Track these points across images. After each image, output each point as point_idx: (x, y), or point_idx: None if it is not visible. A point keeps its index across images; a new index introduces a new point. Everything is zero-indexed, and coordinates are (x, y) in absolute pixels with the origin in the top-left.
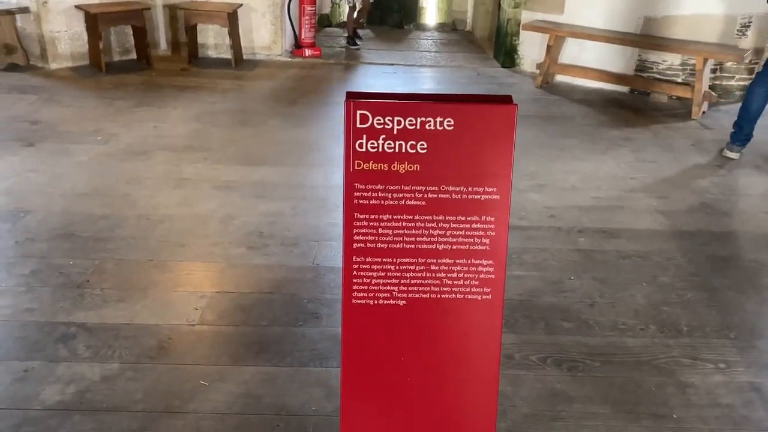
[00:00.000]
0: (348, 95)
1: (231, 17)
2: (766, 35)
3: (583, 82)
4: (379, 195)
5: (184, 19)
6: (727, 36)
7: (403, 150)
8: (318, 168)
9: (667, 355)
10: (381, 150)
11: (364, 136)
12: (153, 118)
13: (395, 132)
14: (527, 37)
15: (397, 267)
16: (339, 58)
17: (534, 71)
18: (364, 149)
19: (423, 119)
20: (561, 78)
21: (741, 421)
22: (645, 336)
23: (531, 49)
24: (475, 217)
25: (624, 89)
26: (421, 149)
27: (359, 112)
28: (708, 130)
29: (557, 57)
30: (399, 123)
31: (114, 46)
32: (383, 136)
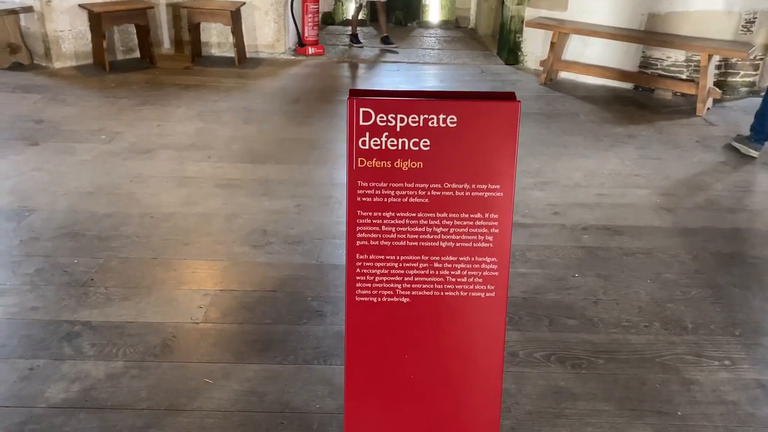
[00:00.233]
0: (351, 93)
1: (234, 15)
2: None
3: (587, 78)
4: (383, 192)
5: (187, 18)
6: (732, 32)
7: (407, 147)
8: (322, 166)
9: (672, 352)
10: (384, 147)
11: (367, 133)
12: (156, 116)
13: (398, 129)
14: (531, 34)
15: (401, 264)
16: (342, 56)
17: (537, 68)
18: (367, 147)
19: (426, 116)
20: (565, 75)
21: (746, 419)
22: (649, 333)
23: (534, 46)
24: (479, 215)
25: (628, 86)
26: (425, 146)
27: (362, 109)
28: (713, 126)
29: (561, 54)
30: (402, 120)
31: (117, 44)
32: (386, 133)
